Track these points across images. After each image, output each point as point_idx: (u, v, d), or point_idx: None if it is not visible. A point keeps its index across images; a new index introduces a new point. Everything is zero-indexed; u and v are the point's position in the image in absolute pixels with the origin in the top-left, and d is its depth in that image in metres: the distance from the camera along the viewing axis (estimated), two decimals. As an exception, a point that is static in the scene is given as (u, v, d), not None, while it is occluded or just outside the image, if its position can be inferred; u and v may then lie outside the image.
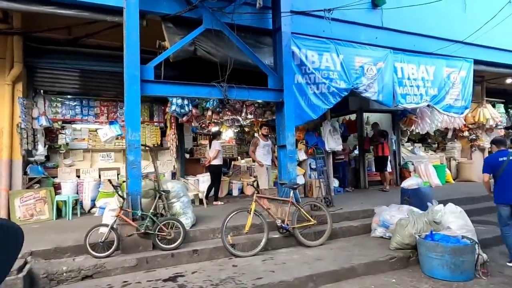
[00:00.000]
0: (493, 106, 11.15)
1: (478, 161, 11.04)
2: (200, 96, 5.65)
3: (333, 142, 8.22)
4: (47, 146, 6.72)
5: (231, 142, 10.29)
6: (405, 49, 7.79)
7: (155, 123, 7.83)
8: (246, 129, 10.08)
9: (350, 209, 6.33)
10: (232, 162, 9.19)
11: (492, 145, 5.04)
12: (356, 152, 10.15)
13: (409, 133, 10.61)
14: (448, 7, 8.35)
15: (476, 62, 8.84)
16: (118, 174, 7.24)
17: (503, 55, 9.27)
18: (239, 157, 9.49)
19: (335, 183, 8.93)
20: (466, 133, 10.92)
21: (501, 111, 11.23)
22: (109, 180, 5.11)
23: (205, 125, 7.86)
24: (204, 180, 7.70)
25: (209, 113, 6.96)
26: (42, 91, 6.93)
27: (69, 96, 7.22)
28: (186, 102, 6.71)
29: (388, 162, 9.01)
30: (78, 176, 7.04)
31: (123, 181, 5.18)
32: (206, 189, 7.55)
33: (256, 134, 7.83)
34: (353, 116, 10.40)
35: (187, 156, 8.13)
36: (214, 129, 8.46)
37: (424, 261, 4.38)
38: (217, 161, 7.59)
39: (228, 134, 10.40)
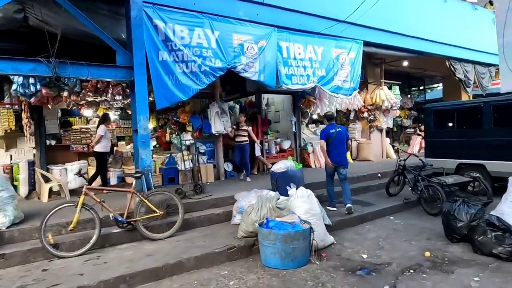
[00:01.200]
0: (390, 88, 11.57)
1: (376, 141, 11.53)
2: (21, 73, 4.80)
3: (220, 125, 7.82)
4: None
5: (111, 126, 9.42)
6: (290, 27, 7.52)
7: (7, 106, 6.76)
8: (129, 112, 9.28)
9: (220, 196, 6.02)
10: (115, 148, 8.43)
11: (325, 119, 6.35)
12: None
13: (310, 115, 10.63)
14: (336, -14, 8.24)
15: (367, 44, 8.93)
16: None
17: (394, 38, 9.46)
18: (123, 143, 8.74)
19: (228, 167, 8.65)
20: (365, 114, 11.24)
21: (396, 93, 11.71)
22: None
23: (74, 107, 6.96)
24: (73, 169, 6.89)
25: (65, 93, 6.12)
26: None
27: None
28: (32, 80, 5.78)
29: (256, 147, 8.58)
30: None
31: None
32: (76, 179, 6.77)
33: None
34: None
35: (53, 142, 7.20)
36: (86, 112, 7.59)
37: (261, 250, 4.19)
38: (100, 148, 6.82)
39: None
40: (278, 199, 4.62)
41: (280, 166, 6.02)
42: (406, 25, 9.63)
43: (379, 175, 8.24)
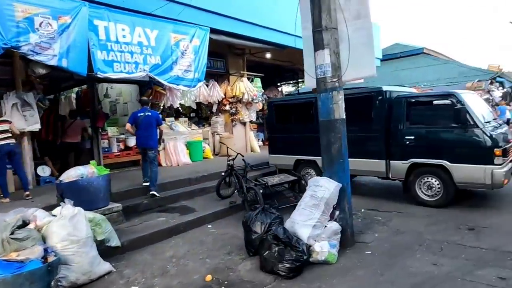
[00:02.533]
0: (252, 80, 11.24)
1: (239, 135, 11.12)
2: None
3: (21, 121, 6.22)
4: None
5: None
6: (111, 4, 6.29)
7: None
8: None
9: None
10: None
11: (139, 103, 6.70)
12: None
13: (160, 107, 9.56)
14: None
15: (216, 31, 8.22)
16: None
17: (247, 27, 8.96)
18: None
19: (44, 172, 7.08)
20: (227, 107, 10.70)
21: (258, 86, 11.47)
22: None
23: None
24: None
25: None
26: None
27: None
28: None
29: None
30: None
31: None
32: None
33: None
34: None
35: None
36: None
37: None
38: None
39: None
40: (23, 225, 3.47)
41: (71, 174, 4.81)
42: (261, 16, 9.24)
43: (223, 174, 7.68)
